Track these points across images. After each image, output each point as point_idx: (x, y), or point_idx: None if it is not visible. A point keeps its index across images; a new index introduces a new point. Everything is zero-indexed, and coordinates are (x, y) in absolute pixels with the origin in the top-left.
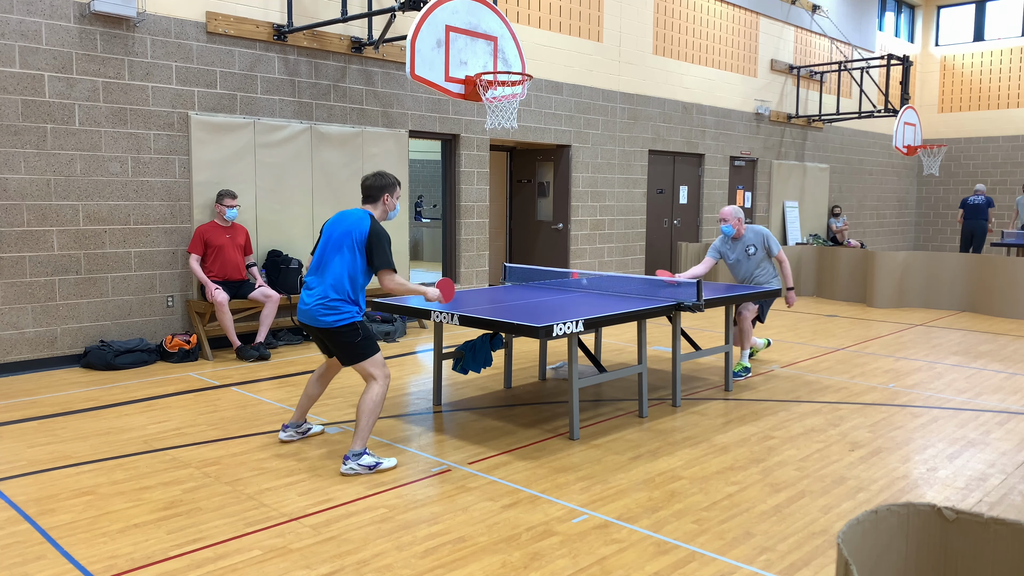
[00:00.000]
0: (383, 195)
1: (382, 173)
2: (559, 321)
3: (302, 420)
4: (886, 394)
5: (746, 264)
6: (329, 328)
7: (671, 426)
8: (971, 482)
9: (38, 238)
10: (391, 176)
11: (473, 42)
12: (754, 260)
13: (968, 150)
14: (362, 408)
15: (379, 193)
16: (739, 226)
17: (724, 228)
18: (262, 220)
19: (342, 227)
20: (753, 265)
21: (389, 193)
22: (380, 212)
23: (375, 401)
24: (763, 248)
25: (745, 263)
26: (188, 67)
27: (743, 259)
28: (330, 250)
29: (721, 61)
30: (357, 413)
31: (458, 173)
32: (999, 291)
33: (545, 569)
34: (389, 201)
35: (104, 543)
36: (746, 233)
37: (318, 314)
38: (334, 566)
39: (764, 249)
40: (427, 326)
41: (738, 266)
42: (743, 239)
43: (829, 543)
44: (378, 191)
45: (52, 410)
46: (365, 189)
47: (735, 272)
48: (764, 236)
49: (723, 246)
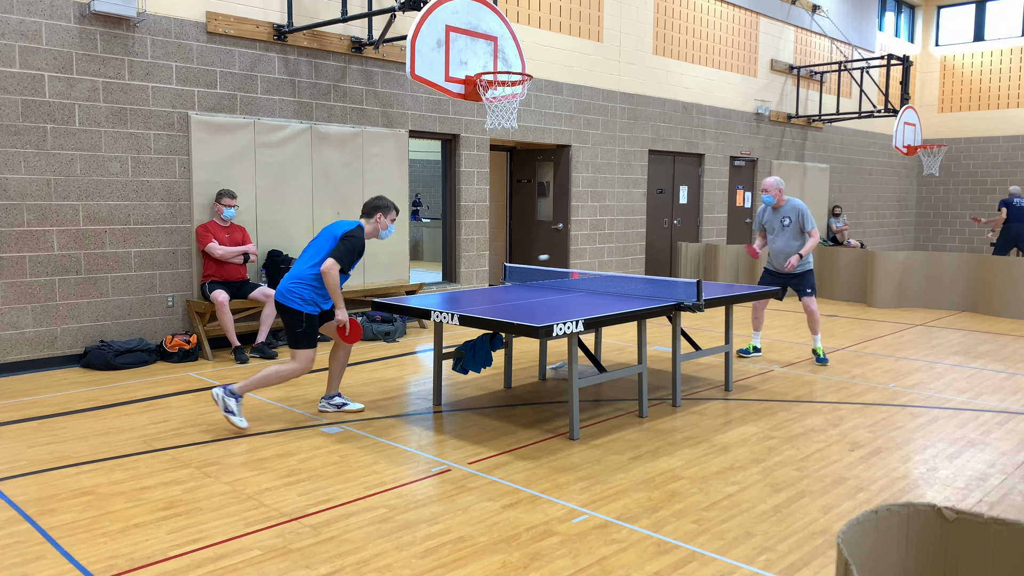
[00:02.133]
0: (376, 214)
1: (382, 196)
2: (559, 321)
3: (334, 392)
4: (886, 394)
5: (780, 235)
6: (284, 307)
7: (671, 426)
8: (971, 482)
9: (38, 238)
10: (390, 201)
11: (473, 42)
12: (788, 232)
13: (968, 150)
14: (267, 368)
15: (373, 212)
16: (779, 196)
17: (765, 198)
18: (262, 220)
19: (331, 231)
20: (787, 237)
21: (383, 213)
22: (371, 228)
23: (280, 374)
24: (797, 221)
25: (780, 234)
26: (188, 67)
27: (779, 229)
28: (313, 247)
29: (721, 61)
30: (263, 373)
31: (458, 173)
32: (999, 291)
33: (545, 569)
34: (382, 220)
35: (104, 543)
36: (785, 204)
37: (284, 292)
38: (334, 566)
39: (798, 222)
40: (427, 326)
41: (775, 237)
42: (781, 209)
43: (829, 543)
44: (372, 210)
45: (52, 410)
46: (364, 207)
47: (772, 244)
48: (800, 210)
49: (764, 216)
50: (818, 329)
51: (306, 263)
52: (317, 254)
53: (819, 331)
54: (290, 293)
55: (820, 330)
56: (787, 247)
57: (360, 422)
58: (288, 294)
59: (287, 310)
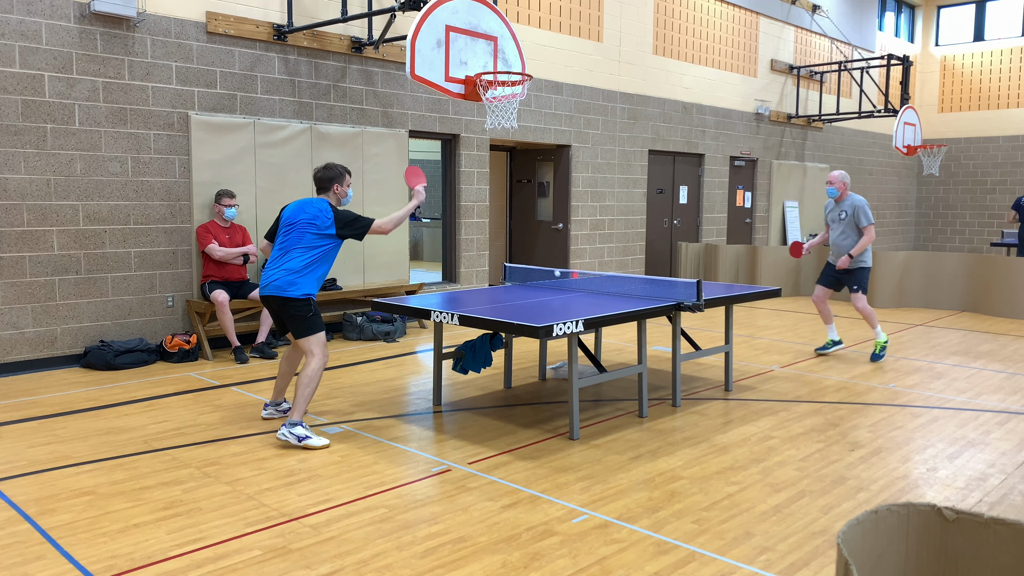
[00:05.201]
0: (333, 185)
1: (330, 165)
2: (559, 321)
3: (280, 399)
4: (886, 394)
5: (836, 228)
6: (287, 298)
7: (671, 426)
8: (971, 482)
9: (38, 238)
10: (339, 166)
11: (473, 42)
12: (843, 225)
13: (968, 150)
14: (300, 381)
15: (329, 184)
16: (844, 190)
17: (829, 191)
18: (262, 220)
19: (306, 215)
20: (842, 231)
21: (339, 183)
22: (334, 201)
23: (311, 376)
24: (853, 216)
25: (836, 227)
26: (188, 67)
27: (836, 223)
28: (294, 235)
29: (721, 61)
30: (296, 386)
31: (458, 173)
32: (999, 291)
33: (545, 569)
34: (340, 190)
35: (104, 543)
36: (846, 199)
37: (280, 284)
38: (334, 566)
39: (853, 217)
40: (427, 326)
41: (833, 230)
42: (841, 204)
43: (829, 543)
44: (328, 182)
45: (52, 410)
46: (317, 181)
47: (831, 237)
48: (856, 205)
49: (828, 209)
50: (875, 323)
51: (293, 253)
52: (300, 240)
53: (876, 324)
54: (288, 284)
55: (877, 323)
56: (840, 241)
57: (360, 422)
58: (286, 285)
59: (290, 300)
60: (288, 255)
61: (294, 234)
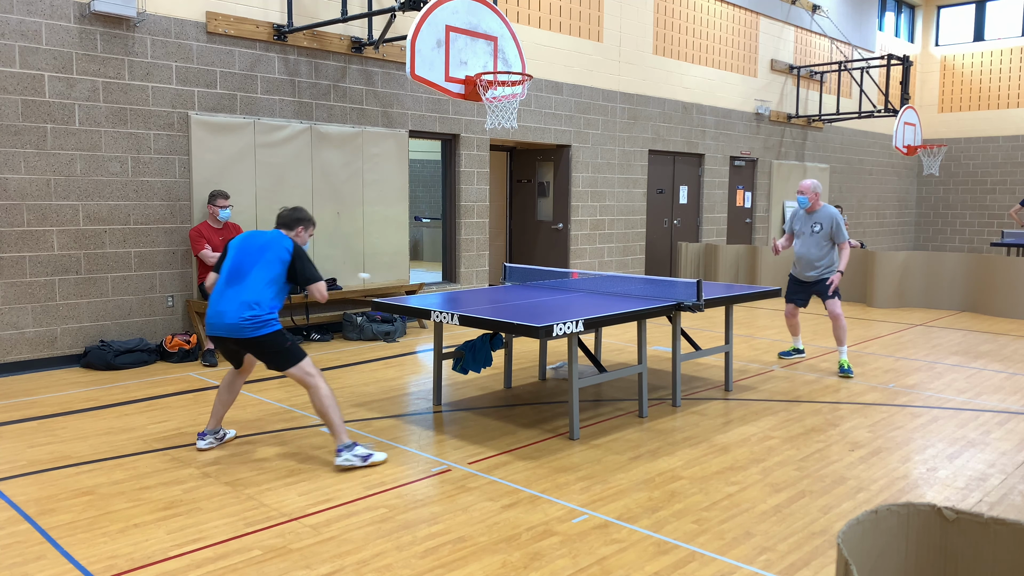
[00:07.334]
0: (298, 227)
1: (299, 208)
2: (559, 321)
3: (218, 427)
4: (886, 394)
5: (808, 240)
6: (257, 338)
7: (671, 426)
8: (971, 482)
9: (38, 238)
10: (308, 213)
11: (473, 42)
12: (816, 238)
13: (968, 150)
14: (321, 409)
15: (295, 224)
16: (815, 200)
17: (800, 199)
18: (262, 220)
19: (258, 241)
20: (815, 243)
21: (304, 227)
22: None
23: (325, 401)
24: (829, 228)
25: (808, 239)
26: (188, 67)
27: (808, 235)
28: (248, 263)
29: (721, 61)
30: (320, 415)
31: (458, 173)
32: (999, 291)
33: (545, 569)
34: (303, 234)
35: (104, 543)
36: (820, 210)
37: (243, 327)
38: (334, 566)
39: (829, 231)
40: (427, 326)
41: (803, 242)
42: (815, 214)
43: (829, 543)
44: (295, 222)
45: (52, 410)
46: (280, 218)
47: (798, 249)
48: (834, 218)
49: (796, 218)
50: (844, 339)
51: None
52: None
53: (845, 341)
54: (256, 320)
55: (847, 340)
56: (814, 253)
57: (360, 422)
58: (255, 322)
59: (263, 339)
60: (244, 285)
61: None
